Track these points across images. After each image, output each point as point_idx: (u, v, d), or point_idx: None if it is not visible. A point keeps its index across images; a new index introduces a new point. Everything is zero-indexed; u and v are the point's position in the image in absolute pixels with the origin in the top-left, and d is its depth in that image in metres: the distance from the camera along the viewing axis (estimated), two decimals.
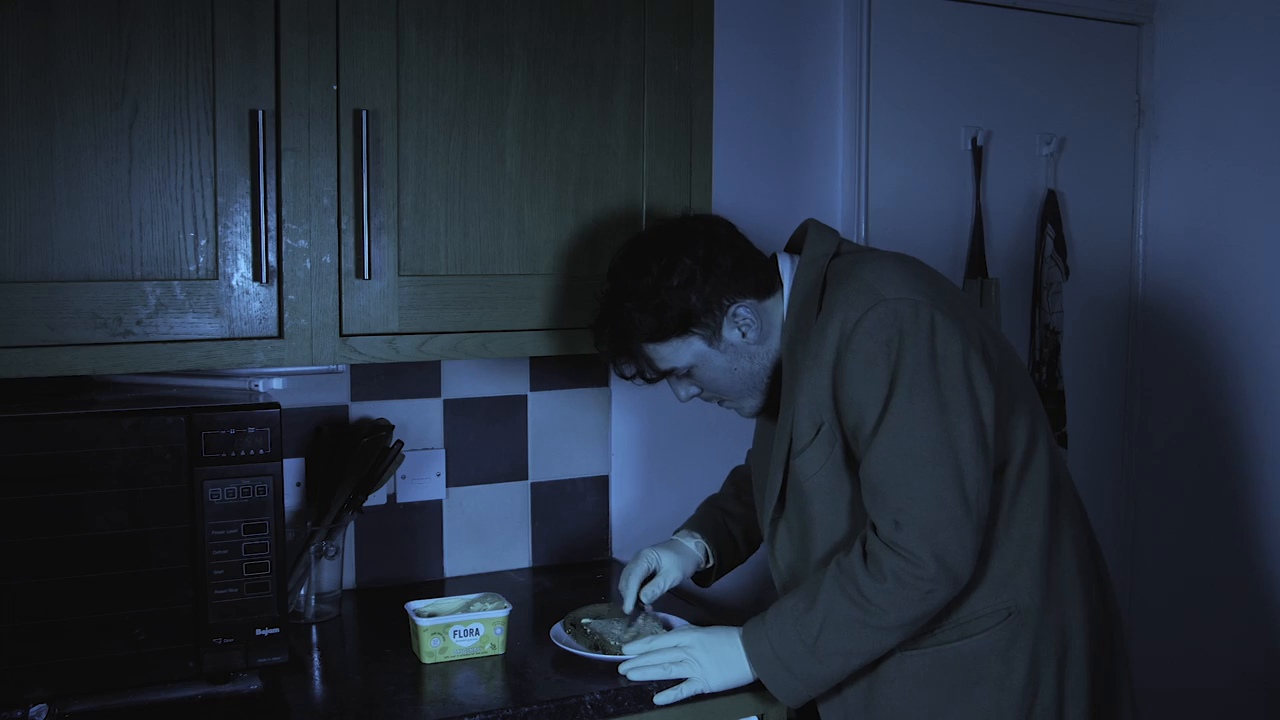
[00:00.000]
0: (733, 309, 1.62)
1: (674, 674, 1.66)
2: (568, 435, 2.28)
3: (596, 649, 1.75)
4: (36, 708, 1.51)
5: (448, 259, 1.75)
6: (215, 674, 1.60)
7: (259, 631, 1.60)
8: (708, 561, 1.91)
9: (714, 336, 1.63)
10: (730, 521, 1.94)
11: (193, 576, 1.56)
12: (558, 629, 1.83)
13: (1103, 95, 2.81)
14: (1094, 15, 2.76)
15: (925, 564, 1.50)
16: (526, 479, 2.26)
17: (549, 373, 2.26)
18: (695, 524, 1.94)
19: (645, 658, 1.67)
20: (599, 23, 1.82)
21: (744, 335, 1.63)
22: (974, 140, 2.63)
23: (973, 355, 1.54)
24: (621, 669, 1.67)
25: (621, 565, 2.29)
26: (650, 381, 1.69)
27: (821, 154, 2.49)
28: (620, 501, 2.35)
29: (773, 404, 1.71)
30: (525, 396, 2.24)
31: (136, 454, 1.53)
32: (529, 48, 1.77)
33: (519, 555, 2.26)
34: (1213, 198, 2.72)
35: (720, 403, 1.72)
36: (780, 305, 1.66)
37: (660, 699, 1.64)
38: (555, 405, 2.27)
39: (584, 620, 1.84)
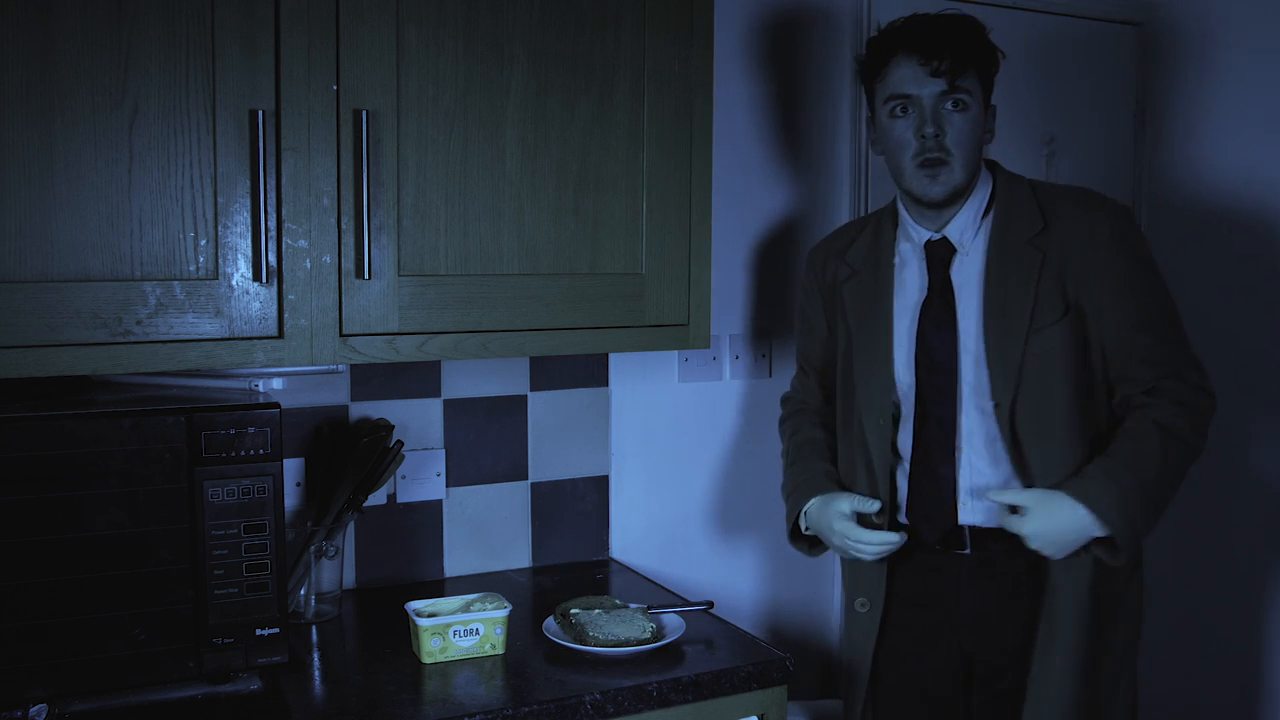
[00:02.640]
0: (995, 109, 1.92)
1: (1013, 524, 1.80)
2: (568, 435, 2.28)
3: (579, 641, 1.77)
4: (36, 708, 1.51)
5: (448, 259, 1.75)
6: (215, 674, 1.60)
7: (259, 631, 1.60)
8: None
9: (985, 109, 1.89)
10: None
11: (193, 576, 1.57)
12: (549, 622, 1.85)
13: (1103, 95, 2.81)
14: (1094, 15, 2.76)
15: (1213, 397, 1.86)
16: (526, 479, 2.26)
17: (549, 373, 2.26)
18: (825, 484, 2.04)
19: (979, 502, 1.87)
20: (599, 22, 1.82)
21: (989, 129, 1.91)
22: None
23: None
24: (992, 496, 1.82)
25: (621, 565, 2.29)
26: (945, 74, 1.81)
27: (823, 153, 2.50)
28: (620, 501, 2.35)
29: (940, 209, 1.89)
30: (525, 396, 2.24)
31: (136, 454, 1.53)
32: (529, 47, 1.77)
33: (519, 555, 2.26)
34: (1213, 198, 2.72)
35: (940, 164, 1.82)
36: None
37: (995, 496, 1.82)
38: (555, 405, 2.27)
39: (572, 611, 1.85)
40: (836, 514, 1.93)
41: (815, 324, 2.13)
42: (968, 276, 1.88)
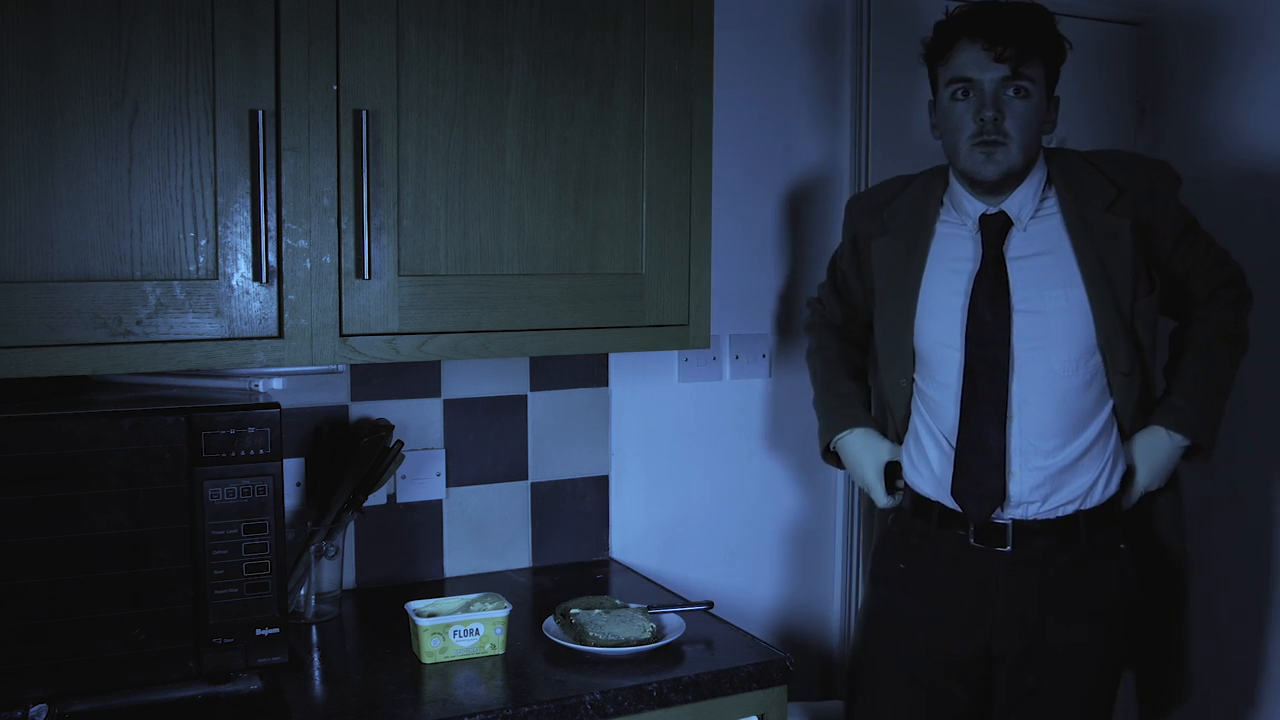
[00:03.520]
0: (1058, 99, 1.94)
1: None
2: (568, 435, 2.28)
3: (579, 641, 1.77)
4: (36, 708, 1.51)
5: (448, 259, 1.75)
6: (215, 674, 1.60)
7: (259, 631, 1.60)
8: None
9: (1048, 99, 1.90)
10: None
11: (193, 576, 1.57)
12: (549, 622, 1.86)
13: (1103, 95, 2.80)
14: (1094, 15, 2.76)
15: (1250, 289, 2.05)
16: (526, 479, 2.26)
17: (549, 373, 2.26)
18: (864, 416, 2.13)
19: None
20: (599, 22, 1.82)
21: (1050, 119, 1.91)
22: None
23: None
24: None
25: (621, 565, 2.29)
26: (1008, 61, 1.81)
27: (823, 154, 2.50)
28: (620, 501, 2.35)
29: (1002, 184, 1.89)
30: (525, 396, 2.24)
31: (136, 454, 1.53)
32: (529, 48, 1.77)
33: (519, 555, 2.26)
34: (1213, 198, 2.71)
35: (996, 144, 1.83)
36: None
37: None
38: (555, 405, 2.27)
39: (572, 611, 1.85)
40: (873, 462, 2.07)
41: (848, 260, 2.16)
42: (1024, 250, 1.90)
